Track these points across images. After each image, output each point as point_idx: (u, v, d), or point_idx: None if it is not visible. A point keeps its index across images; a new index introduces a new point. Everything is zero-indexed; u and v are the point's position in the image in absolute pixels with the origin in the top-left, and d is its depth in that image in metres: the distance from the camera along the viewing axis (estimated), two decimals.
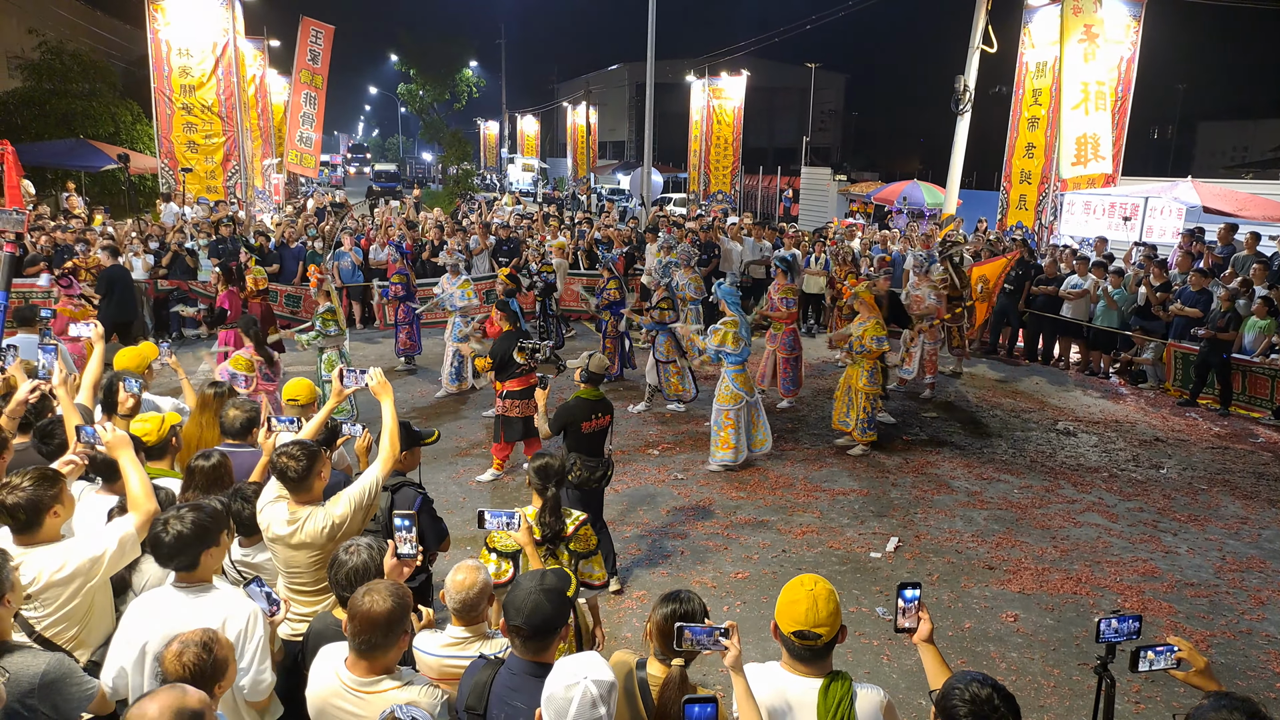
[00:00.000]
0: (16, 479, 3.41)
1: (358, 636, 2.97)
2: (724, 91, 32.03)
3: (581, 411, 6.52)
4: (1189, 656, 2.94)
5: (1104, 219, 17.83)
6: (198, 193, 21.36)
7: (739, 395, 9.17)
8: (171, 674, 2.74)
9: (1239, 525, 8.31)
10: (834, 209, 32.34)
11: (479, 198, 35.97)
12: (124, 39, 37.76)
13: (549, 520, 4.44)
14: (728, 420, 9.22)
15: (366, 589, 3.03)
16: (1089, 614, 6.62)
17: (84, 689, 3.02)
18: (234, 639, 3.24)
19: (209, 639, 2.82)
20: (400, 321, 13.10)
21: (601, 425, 6.60)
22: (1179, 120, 59.77)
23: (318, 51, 26.58)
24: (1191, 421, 11.36)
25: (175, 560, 3.30)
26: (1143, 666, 3.03)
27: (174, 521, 3.27)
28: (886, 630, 6.27)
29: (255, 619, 3.34)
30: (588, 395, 6.62)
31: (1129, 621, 3.10)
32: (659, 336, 11.19)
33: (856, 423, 9.84)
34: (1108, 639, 3.10)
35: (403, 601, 3.03)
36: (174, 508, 3.38)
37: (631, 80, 64.68)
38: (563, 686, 2.53)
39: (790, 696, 2.93)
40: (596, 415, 6.57)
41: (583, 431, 6.50)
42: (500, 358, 8.70)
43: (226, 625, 3.24)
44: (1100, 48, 17.28)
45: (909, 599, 3.08)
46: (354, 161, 76.59)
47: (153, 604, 3.35)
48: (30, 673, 2.93)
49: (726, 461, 9.28)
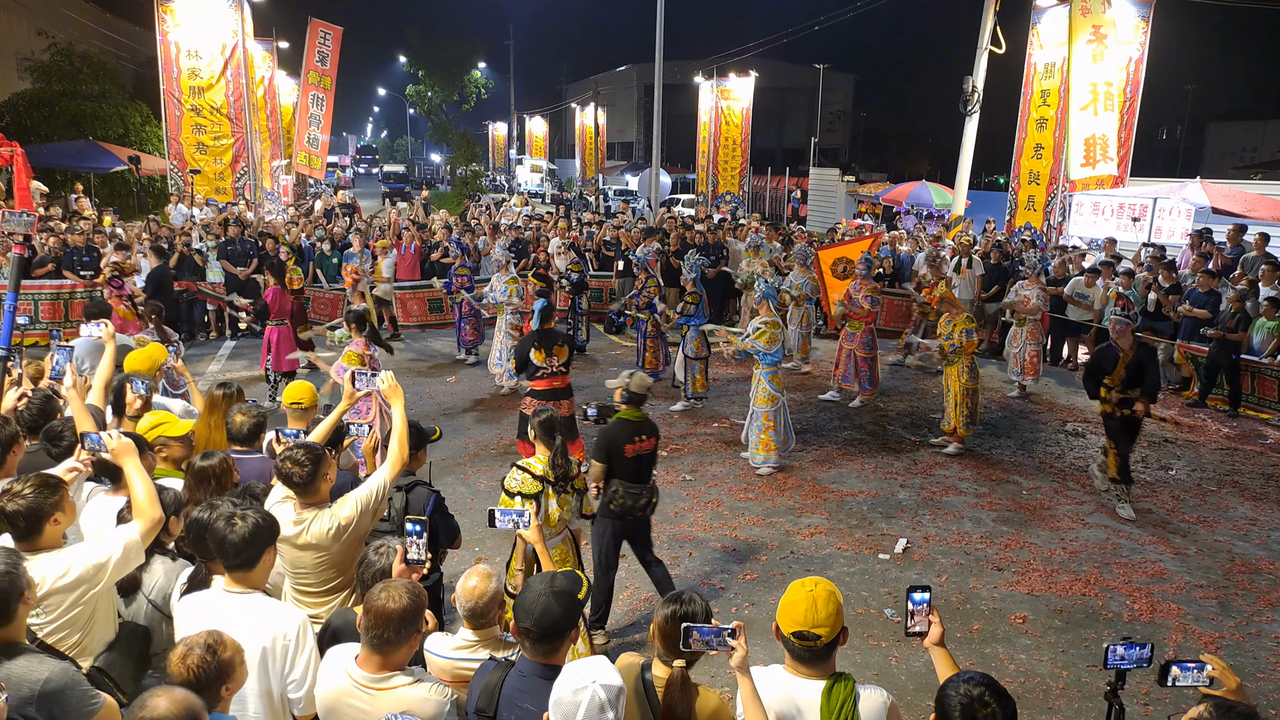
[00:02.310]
0: (18, 486, 3.38)
1: (371, 631, 2.99)
2: (732, 92, 32.05)
3: (624, 434, 5.98)
4: (1221, 676, 2.83)
5: (1113, 220, 17.77)
6: (206, 194, 21.43)
7: (775, 396, 9.19)
8: (176, 676, 2.73)
9: (1248, 527, 8.28)
10: (842, 210, 32.31)
11: (486, 199, 36.00)
12: (134, 40, 37.93)
13: (560, 463, 5.21)
14: (768, 422, 9.21)
15: (384, 585, 3.07)
16: (1098, 615, 6.61)
17: (87, 702, 2.95)
18: (285, 649, 3.26)
19: (214, 641, 2.81)
20: (465, 315, 13.39)
21: (646, 449, 6.05)
22: (1188, 121, 59.68)
23: (326, 53, 26.67)
24: (1200, 422, 11.33)
25: (239, 556, 3.30)
26: (1171, 682, 2.94)
27: (239, 520, 3.28)
28: (895, 632, 6.26)
29: (305, 629, 3.33)
30: (630, 417, 6.07)
31: (1137, 649, 3.03)
32: (689, 333, 11.24)
33: (960, 420, 9.80)
34: (1114, 665, 3.04)
35: (418, 600, 3.07)
36: (238, 507, 3.36)
37: (640, 81, 64.72)
38: (571, 690, 2.52)
39: (796, 699, 2.94)
40: (640, 438, 6.02)
41: (626, 456, 5.95)
42: (519, 359, 8.71)
43: (278, 635, 3.26)
44: (1109, 48, 17.26)
45: (919, 602, 3.07)
46: (362, 163, 76.76)
47: (206, 608, 3.32)
48: (32, 679, 2.87)
49: (772, 463, 9.29)
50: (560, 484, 5.24)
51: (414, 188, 46.75)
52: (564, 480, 5.26)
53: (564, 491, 5.28)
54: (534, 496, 5.11)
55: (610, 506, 5.91)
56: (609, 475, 5.94)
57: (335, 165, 58.09)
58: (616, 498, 5.89)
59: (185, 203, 20.63)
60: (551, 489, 5.18)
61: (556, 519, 5.30)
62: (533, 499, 5.07)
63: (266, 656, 3.27)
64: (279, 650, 3.28)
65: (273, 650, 3.28)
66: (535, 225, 19.33)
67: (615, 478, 5.94)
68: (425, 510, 4.58)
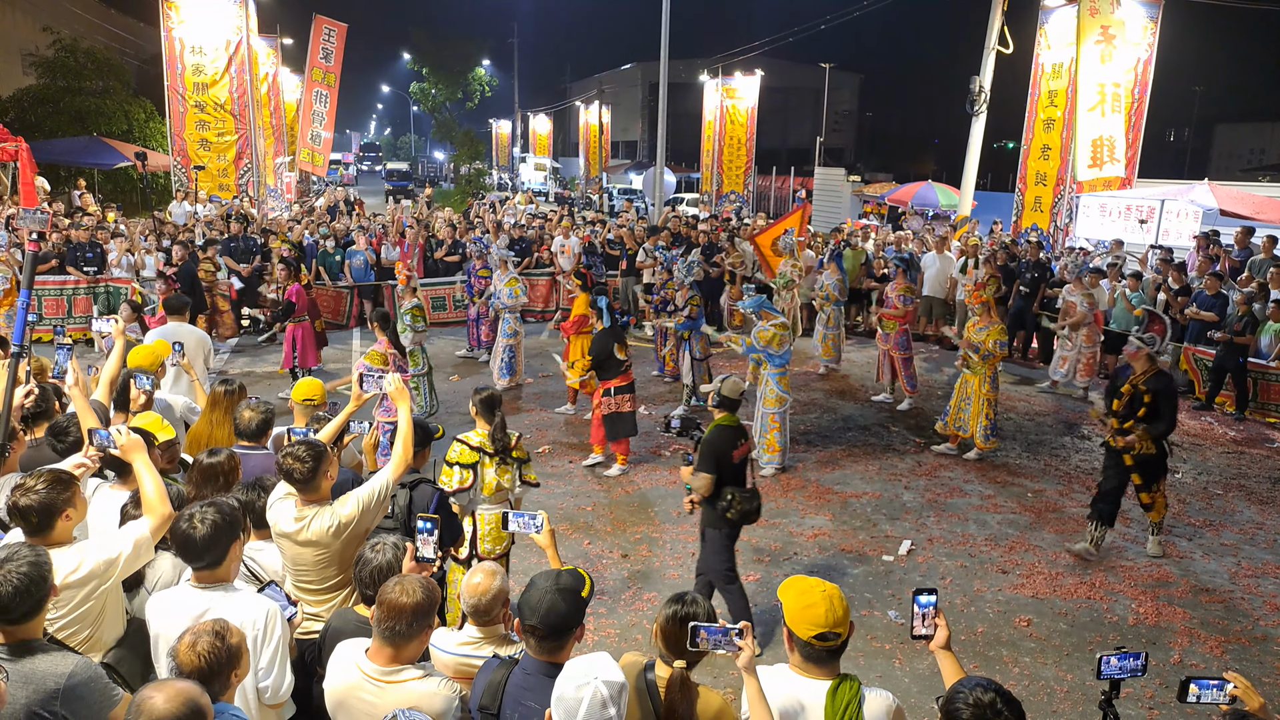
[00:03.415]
0: (30, 480, 3.40)
1: (384, 624, 3.01)
2: (737, 91, 31.98)
3: (728, 441, 5.83)
4: (1244, 695, 2.78)
5: (1120, 221, 17.70)
6: (210, 191, 21.41)
7: (783, 398, 9.20)
8: (186, 665, 2.73)
9: (1254, 530, 8.24)
10: (848, 210, 32.23)
11: (492, 196, 35.98)
12: (138, 37, 37.96)
13: (499, 436, 5.57)
14: (774, 423, 9.22)
15: (398, 579, 3.10)
16: (1103, 619, 6.58)
17: (109, 696, 2.97)
18: (251, 641, 3.25)
19: (222, 628, 2.81)
20: (482, 315, 13.40)
21: (745, 452, 5.97)
22: (1195, 122, 59.56)
23: (330, 50, 26.68)
24: (1206, 425, 11.28)
25: (207, 556, 3.31)
26: (1191, 700, 2.88)
27: (198, 519, 3.28)
28: (898, 634, 6.23)
29: (274, 619, 3.34)
30: (727, 422, 5.94)
31: (1131, 659, 2.99)
32: (693, 335, 11.23)
33: (980, 429, 9.67)
34: (1109, 675, 3.00)
35: (431, 594, 3.09)
36: (196, 505, 3.37)
37: (645, 80, 64.64)
38: (573, 687, 2.53)
39: (801, 699, 2.93)
40: (740, 441, 5.93)
41: (734, 462, 5.82)
42: (599, 356, 8.86)
43: (246, 624, 3.24)
44: (1117, 49, 17.22)
45: (925, 605, 3.05)
46: (366, 160, 76.72)
47: (171, 602, 3.35)
48: (57, 674, 2.87)
49: (776, 463, 9.29)
50: (500, 455, 5.57)
51: (417, 185, 46.77)
52: (503, 452, 5.59)
53: (504, 463, 5.61)
54: (471, 466, 5.46)
55: (728, 515, 5.72)
56: (719, 484, 5.75)
57: (338, 163, 58.12)
58: (734, 505, 5.70)
59: (189, 200, 20.60)
60: (489, 459, 5.54)
61: (494, 487, 5.59)
62: (470, 469, 5.46)
63: None
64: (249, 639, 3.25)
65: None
66: (539, 224, 19.29)
67: (725, 485, 5.76)
68: (429, 508, 4.57)
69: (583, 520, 8.07)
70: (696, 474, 5.75)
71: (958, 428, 9.90)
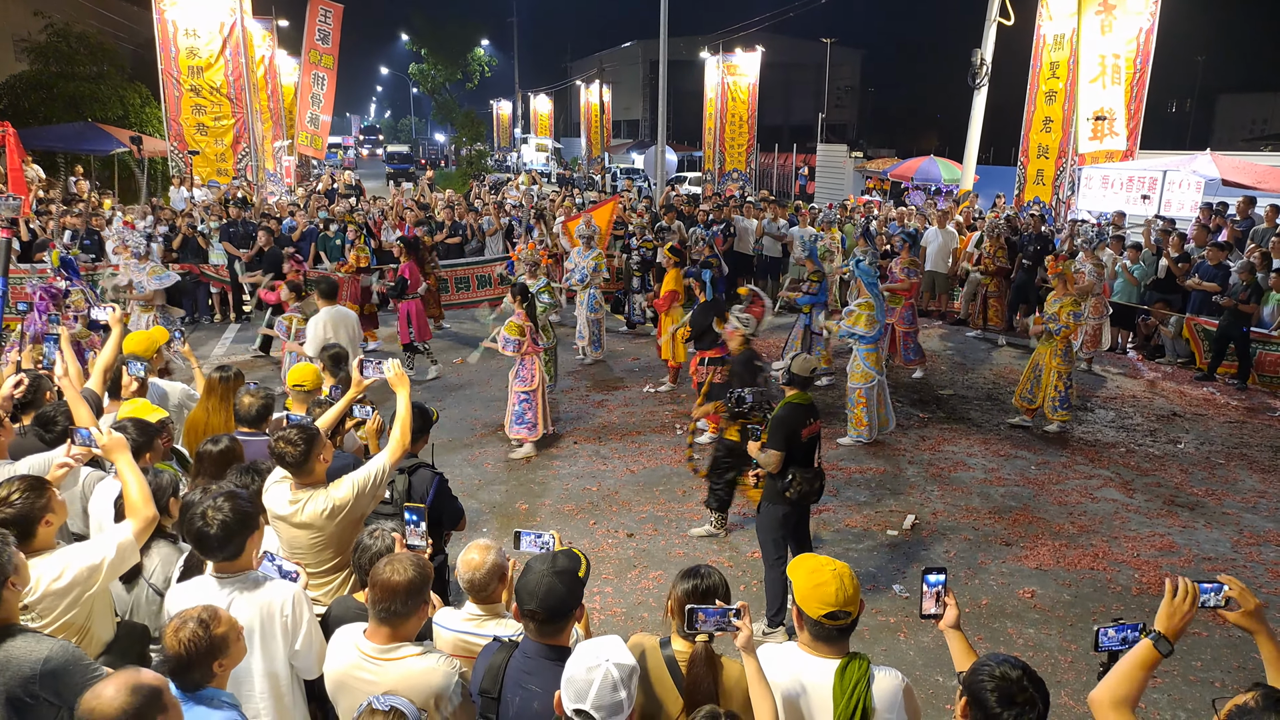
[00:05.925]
0: (3, 492, 3.35)
1: (378, 604, 3.01)
2: (738, 68, 31.73)
3: (798, 419, 5.75)
4: (1239, 596, 2.73)
5: (1122, 193, 17.60)
6: (207, 175, 21.30)
7: (870, 374, 9.32)
8: (170, 649, 2.74)
9: (1256, 499, 8.24)
10: (850, 186, 32.09)
11: (492, 178, 35.85)
12: (132, 20, 37.58)
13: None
14: (861, 399, 9.39)
15: (388, 559, 3.10)
16: (1106, 589, 6.58)
17: (90, 675, 2.95)
18: (286, 625, 3.28)
19: (209, 616, 2.80)
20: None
21: (815, 431, 5.88)
22: (1198, 93, 59.13)
23: (327, 31, 26.48)
24: (1209, 395, 11.25)
25: (224, 550, 3.28)
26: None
27: (213, 512, 3.23)
28: (903, 608, 6.24)
29: (300, 601, 3.35)
30: (798, 400, 5.85)
31: (1128, 630, 2.98)
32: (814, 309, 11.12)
33: (1048, 400, 9.76)
34: (1107, 647, 2.99)
35: (424, 572, 3.09)
36: (209, 498, 3.32)
37: (645, 58, 64.26)
38: (584, 669, 2.53)
39: (806, 679, 2.92)
40: (810, 420, 5.84)
41: (802, 440, 5.76)
42: (699, 328, 9.21)
43: (274, 613, 3.27)
44: (1118, 19, 17.05)
45: (934, 584, 3.02)
46: (366, 143, 76.38)
47: (194, 595, 3.31)
48: (33, 658, 2.90)
49: (861, 438, 9.44)
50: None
51: (418, 168, 46.59)
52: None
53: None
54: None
55: (787, 494, 5.68)
56: (786, 462, 5.69)
57: (338, 146, 57.93)
58: (794, 484, 5.66)
59: (186, 185, 20.52)
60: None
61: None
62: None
63: (266, 636, 3.27)
64: (279, 627, 3.29)
65: (271, 629, 3.29)
66: (545, 204, 19.20)
67: (793, 463, 5.71)
68: (428, 492, 4.57)
69: (588, 500, 8.08)
70: (765, 450, 5.70)
71: (1026, 400, 9.99)
